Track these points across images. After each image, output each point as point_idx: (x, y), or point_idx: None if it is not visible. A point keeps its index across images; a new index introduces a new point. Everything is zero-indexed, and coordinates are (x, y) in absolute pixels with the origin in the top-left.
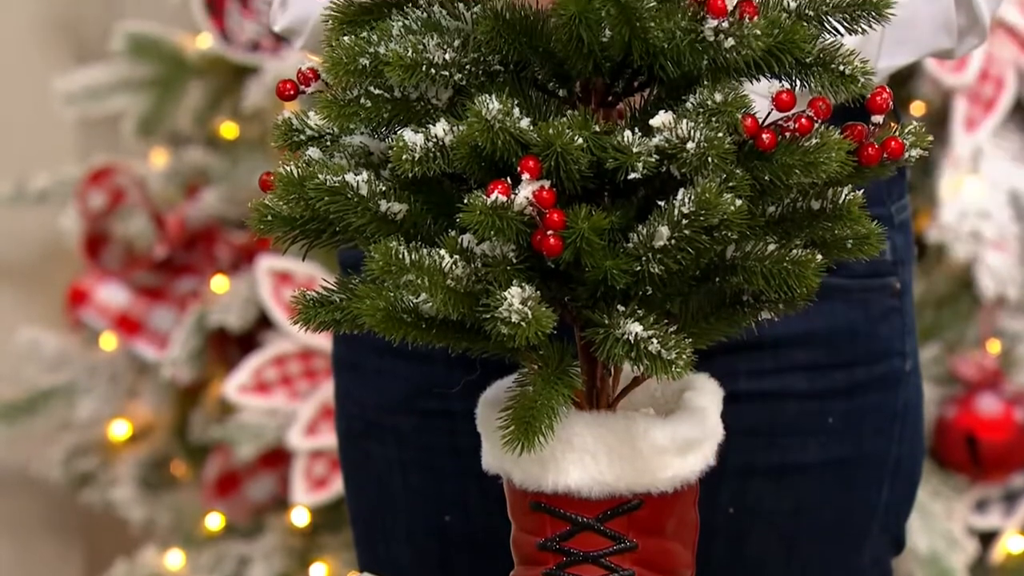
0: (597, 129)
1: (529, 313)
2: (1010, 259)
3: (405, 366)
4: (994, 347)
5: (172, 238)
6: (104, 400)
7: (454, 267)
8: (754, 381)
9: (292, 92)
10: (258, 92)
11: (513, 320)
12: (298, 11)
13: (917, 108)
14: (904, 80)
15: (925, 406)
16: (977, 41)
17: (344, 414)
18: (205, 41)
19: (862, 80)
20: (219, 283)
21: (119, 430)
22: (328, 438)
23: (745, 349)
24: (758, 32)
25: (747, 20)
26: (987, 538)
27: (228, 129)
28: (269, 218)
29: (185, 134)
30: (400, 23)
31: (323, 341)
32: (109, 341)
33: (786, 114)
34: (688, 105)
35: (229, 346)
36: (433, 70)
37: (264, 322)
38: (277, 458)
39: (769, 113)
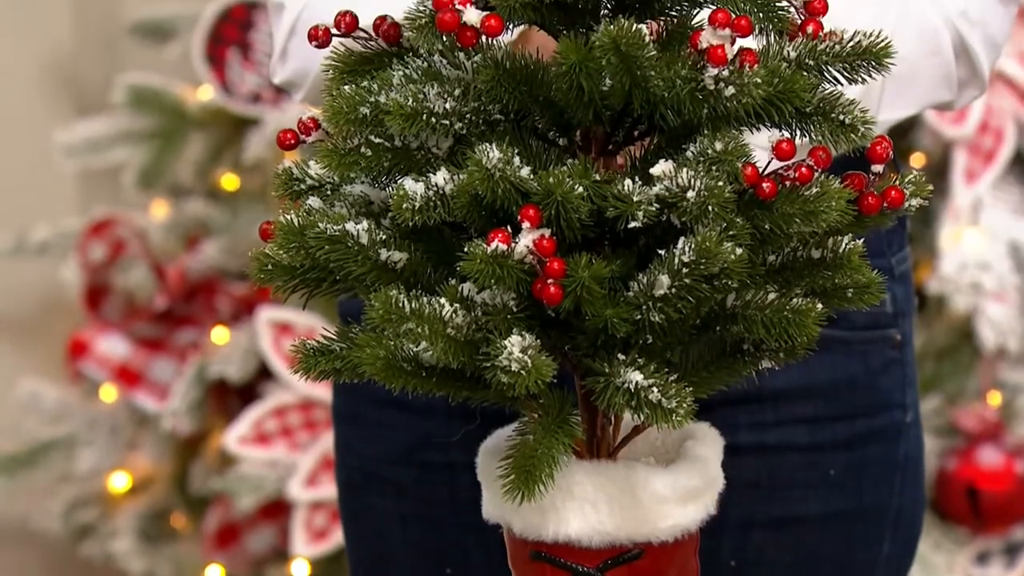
0: (597, 178)
1: (529, 362)
2: (1010, 310)
3: (405, 418)
4: (995, 399)
5: (172, 289)
6: (104, 452)
7: (454, 316)
8: (755, 433)
9: (293, 141)
10: (259, 144)
11: (513, 369)
12: (298, 63)
13: (917, 159)
14: (904, 131)
15: (926, 458)
16: (977, 92)
17: (344, 465)
18: (206, 93)
19: (862, 130)
20: (219, 334)
21: (119, 482)
22: (328, 489)
23: (745, 402)
24: (758, 80)
25: (747, 68)
26: None
27: (229, 181)
28: (269, 267)
29: (186, 186)
30: (401, 72)
31: (323, 392)
32: (109, 393)
33: (786, 163)
34: (688, 154)
35: (229, 397)
36: (434, 119)
37: (264, 373)
38: (277, 509)
39: (769, 162)
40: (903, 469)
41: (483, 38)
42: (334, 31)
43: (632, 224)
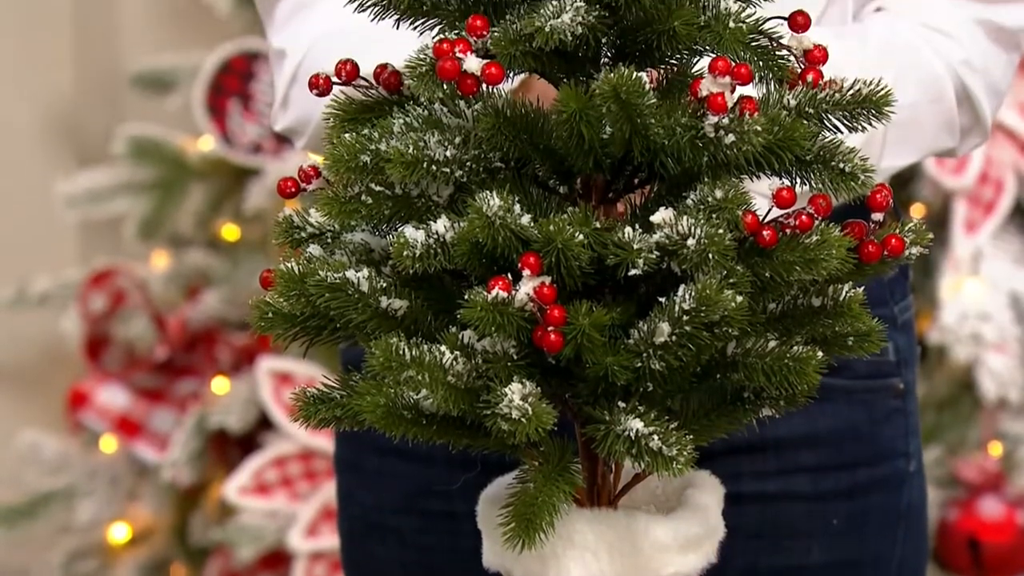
0: (598, 226)
1: (529, 409)
2: (1011, 361)
3: (406, 467)
4: (996, 449)
5: (173, 340)
6: (104, 503)
7: (455, 363)
8: (757, 483)
9: (293, 189)
10: (259, 194)
11: (513, 416)
12: (300, 111)
13: (917, 210)
14: (904, 182)
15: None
16: (979, 140)
17: (346, 514)
18: (207, 144)
19: (862, 178)
20: (220, 384)
21: (119, 533)
22: (328, 540)
23: (748, 450)
24: (758, 128)
25: (747, 116)
26: None
27: (229, 231)
28: (270, 315)
29: (186, 236)
30: (401, 120)
31: (324, 442)
32: (109, 443)
33: (786, 211)
34: (689, 202)
35: (229, 447)
36: (434, 167)
37: (265, 423)
38: (277, 560)
39: (770, 210)
40: (906, 518)
41: (484, 86)
42: (335, 79)
43: (632, 272)
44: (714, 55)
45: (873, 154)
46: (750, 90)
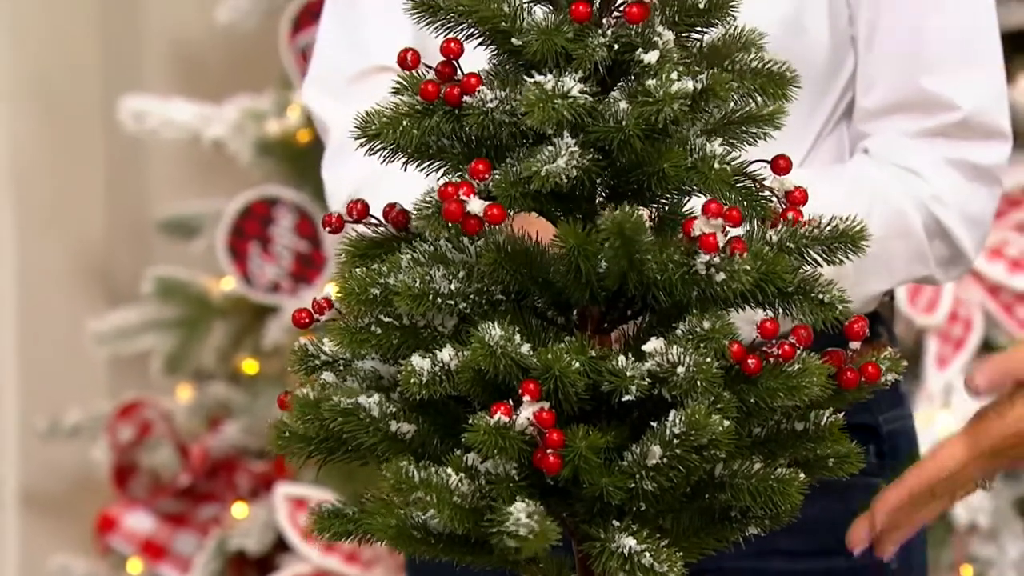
0: (593, 354)
1: (536, 526)
2: (980, 489)
3: None
4: (967, 572)
5: (195, 467)
6: None
7: (460, 484)
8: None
9: (308, 320)
10: (277, 330)
11: (521, 533)
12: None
13: None
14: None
15: None
16: (964, 268)
17: None
18: (228, 284)
19: (839, 308)
20: (239, 509)
21: None
22: None
23: None
24: (747, 268)
25: (737, 256)
26: None
27: (249, 365)
28: (287, 435)
29: (209, 370)
30: (409, 256)
31: (336, 564)
32: (135, 565)
33: (770, 340)
34: (678, 332)
35: (248, 569)
36: (439, 299)
37: (281, 546)
38: None
39: (754, 340)
40: None
41: (486, 225)
42: (346, 218)
43: (626, 397)
44: (702, 195)
45: (846, 284)
46: (738, 230)
